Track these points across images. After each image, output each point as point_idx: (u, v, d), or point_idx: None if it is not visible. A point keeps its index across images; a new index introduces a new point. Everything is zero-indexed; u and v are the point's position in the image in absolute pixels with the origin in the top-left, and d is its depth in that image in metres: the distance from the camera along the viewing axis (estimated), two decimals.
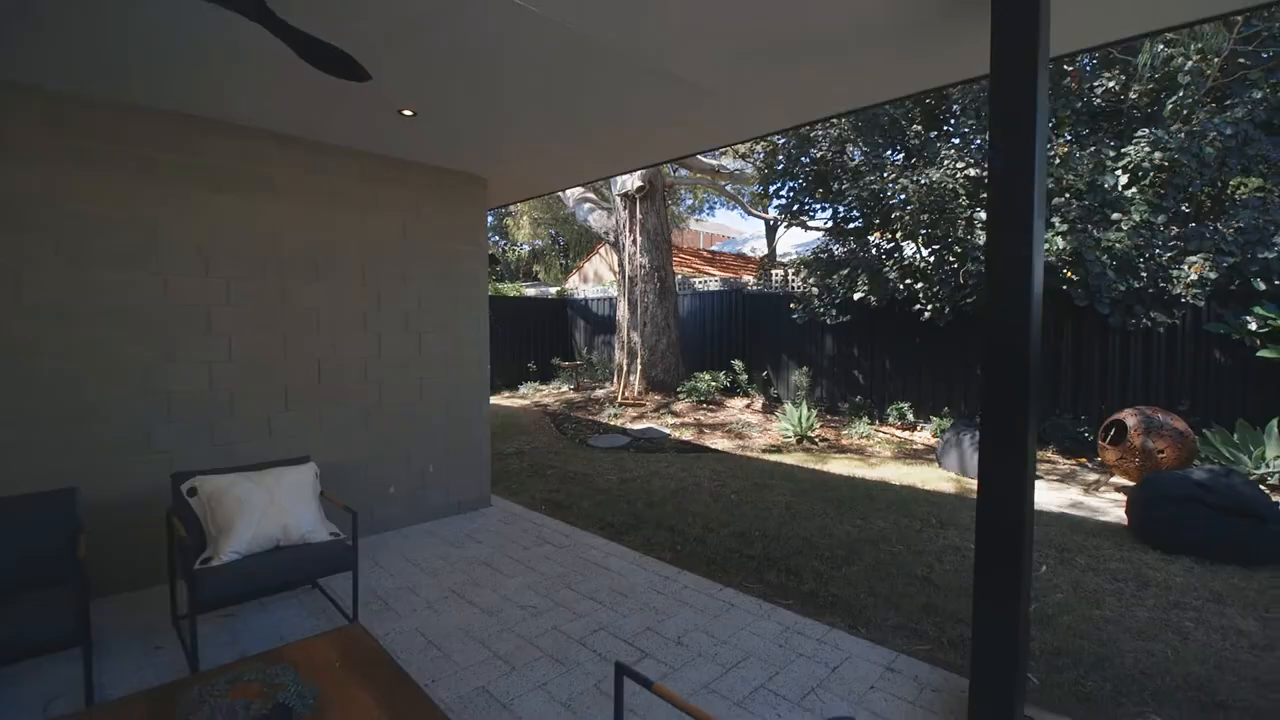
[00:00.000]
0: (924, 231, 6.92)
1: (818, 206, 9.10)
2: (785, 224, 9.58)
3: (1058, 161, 6.30)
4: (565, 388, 12.22)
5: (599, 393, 10.59)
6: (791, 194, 8.92)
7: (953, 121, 7.67)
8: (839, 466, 6.82)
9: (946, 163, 6.73)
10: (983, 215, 6.70)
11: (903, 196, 6.88)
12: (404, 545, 4.48)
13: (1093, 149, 6.32)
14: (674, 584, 3.79)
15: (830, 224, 9.40)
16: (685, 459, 7.13)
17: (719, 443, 7.97)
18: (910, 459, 7.28)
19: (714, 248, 25.96)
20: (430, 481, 5.05)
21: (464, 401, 5.26)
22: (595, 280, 17.71)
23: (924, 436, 8.48)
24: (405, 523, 4.90)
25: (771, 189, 9.26)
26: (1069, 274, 6.13)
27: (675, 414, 9.26)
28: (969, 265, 6.72)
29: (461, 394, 5.24)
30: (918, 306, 7.53)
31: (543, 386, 12.56)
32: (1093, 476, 6.52)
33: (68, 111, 3.40)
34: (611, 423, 9.02)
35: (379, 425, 4.73)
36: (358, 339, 4.63)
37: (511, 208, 20.93)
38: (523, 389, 12.41)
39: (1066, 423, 7.31)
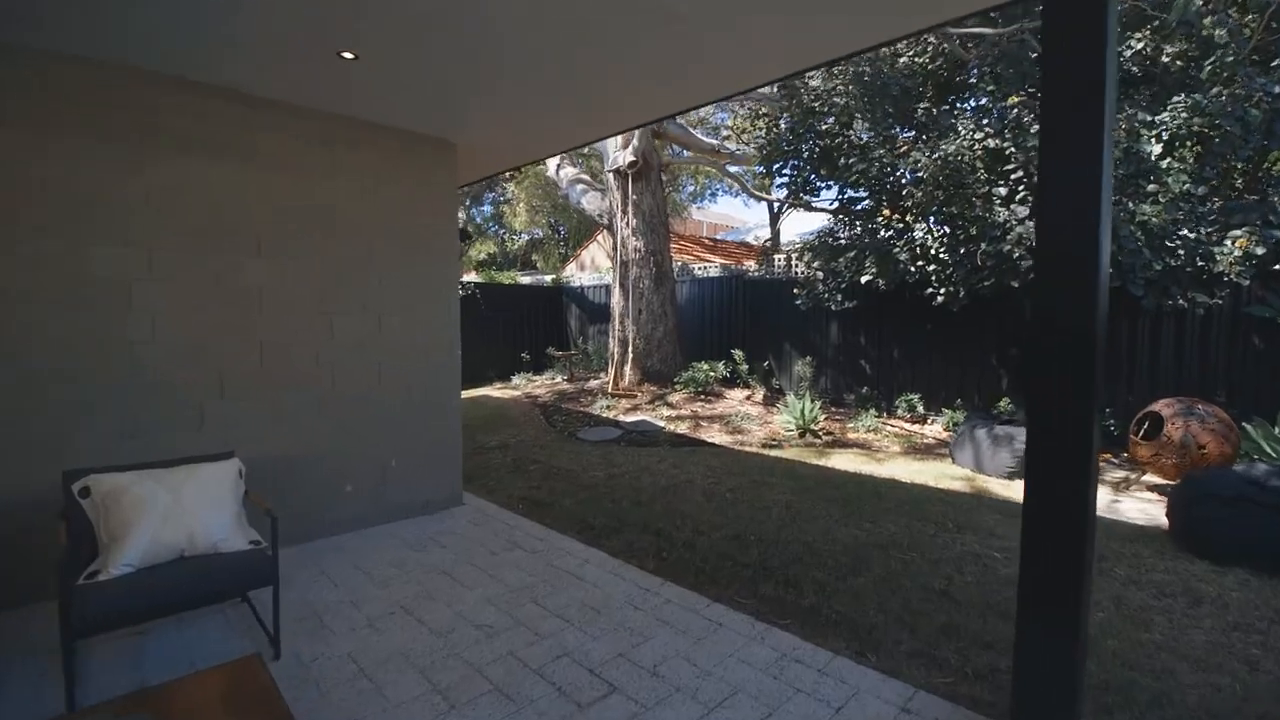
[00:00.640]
0: (937, 209, 6.37)
1: (823, 185, 8.55)
2: (789, 204, 9.04)
3: None
4: (559, 378, 11.74)
5: (593, 384, 10.11)
6: (795, 171, 8.37)
7: (967, 94, 7.10)
8: (844, 462, 6.32)
9: (964, 133, 6.18)
10: (1002, 190, 6.16)
11: (915, 173, 6.33)
12: (358, 550, 4.01)
13: (1125, 113, 5.76)
14: (655, 598, 3.31)
15: (836, 205, 8.85)
16: (679, 454, 6.65)
17: (716, 436, 7.48)
18: (921, 454, 6.77)
19: (717, 237, 25.38)
20: (393, 478, 4.58)
21: (432, 390, 4.78)
22: (593, 268, 17.19)
23: (935, 430, 7.97)
24: (364, 523, 4.43)
25: (774, 167, 8.70)
26: None
27: (671, 406, 8.77)
28: (986, 245, 6.18)
29: (429, 382, 4.76)
30: (929, 290, 7.01)
31: (535, 377, 12.09)
32: (1121, 474, 6.00)
33: None
34: (603, 415, 8.55)
35: (333, 415, 4.26)
36: (308, 319, 4.15)
37: (508, 194, 20.41)
38: (515, 379, 11.95)
39: None
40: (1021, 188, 6.13)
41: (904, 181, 6.72)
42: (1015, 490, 5.46)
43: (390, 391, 4.55)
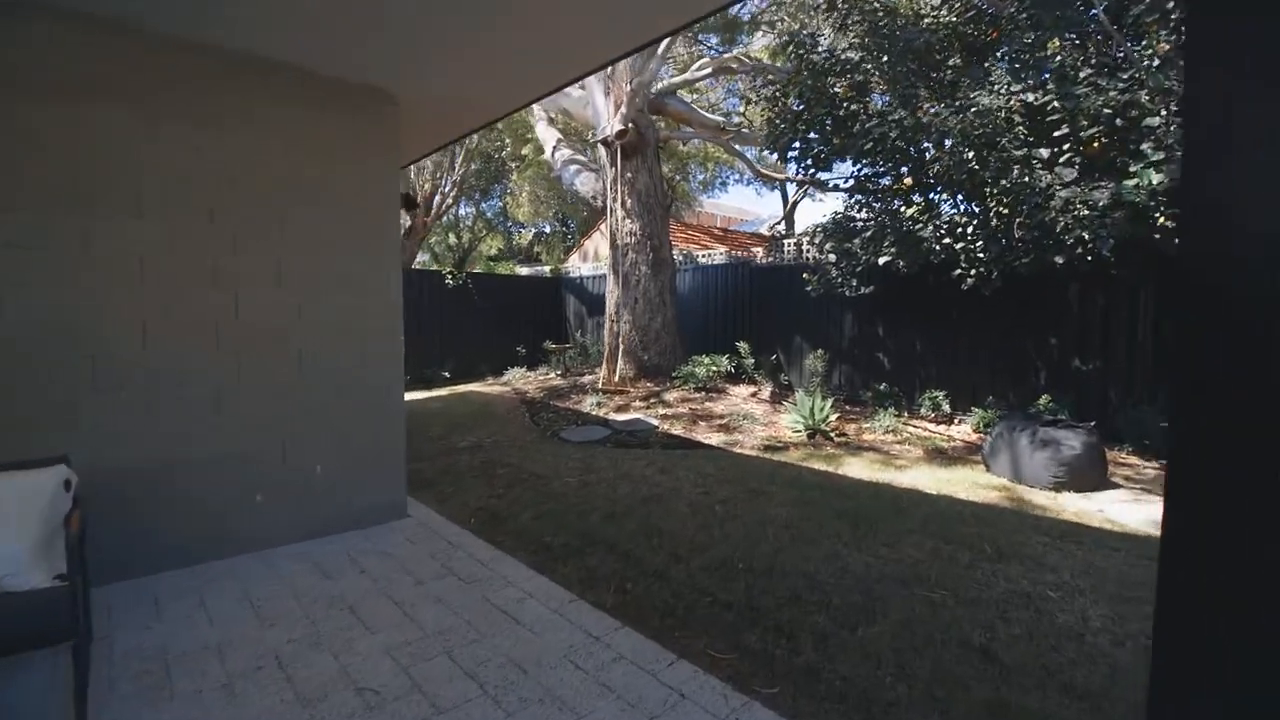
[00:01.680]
0: (967, 176, 5.49)
1: (836, 160, 7.68)
2: (799, 184, 8.18)
3: (1155, 64, 4.84)
4: (553, 374, 11.01)
5: (588, 379, 9.35)
6: (804, 144, 7.50)
7: (1000, 51, 6.17)
8: (858, 469, 5.48)
9: (998, 87, 5.30)
10: (1044, 152, 5.27)
11: (941, 133, 5.45)
12: (258, 576, 3.29)
13: None
14: (604, 651, 2.53)
15: (851, 182, 7.98)
16: (669, 457, 5.86)
17: (714, 437, 6.68)
18: (948, 460, 5.91)
19: (730, 228, 24.48)
20: (318, 486, 3.86)
21: (368, 383, 4.06)
22: (595, 259, 16.43)
23: (963, 431, 7.08)
24: (280, 540, 3.72)
25: (782, 141, 7.83)
26: (1163, 219, 4.69)
27: (667, 404, 7.98)
28: (1025, 216, 5.29)
29: (365, 373, 4.03)
30: (957, 272, 6.13)
31: (529, 373, 11.37)
32: None
33: None
34: (593, 413, 7.79)
35: (238, 411, 3.55)
36: (205, 295, 3.44)
37: (511, 185, 19.70)
38: (508, 374, 11.25)
39: (1145, 414, 5.87)
40: (1066, 147, 5.23)
41: (927, 146, 5.84)
42: (1063, 504, 4.59)
43: (315, 384, 3.83)
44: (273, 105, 3.61)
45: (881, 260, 6.53)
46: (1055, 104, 5.12)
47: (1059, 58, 5.29)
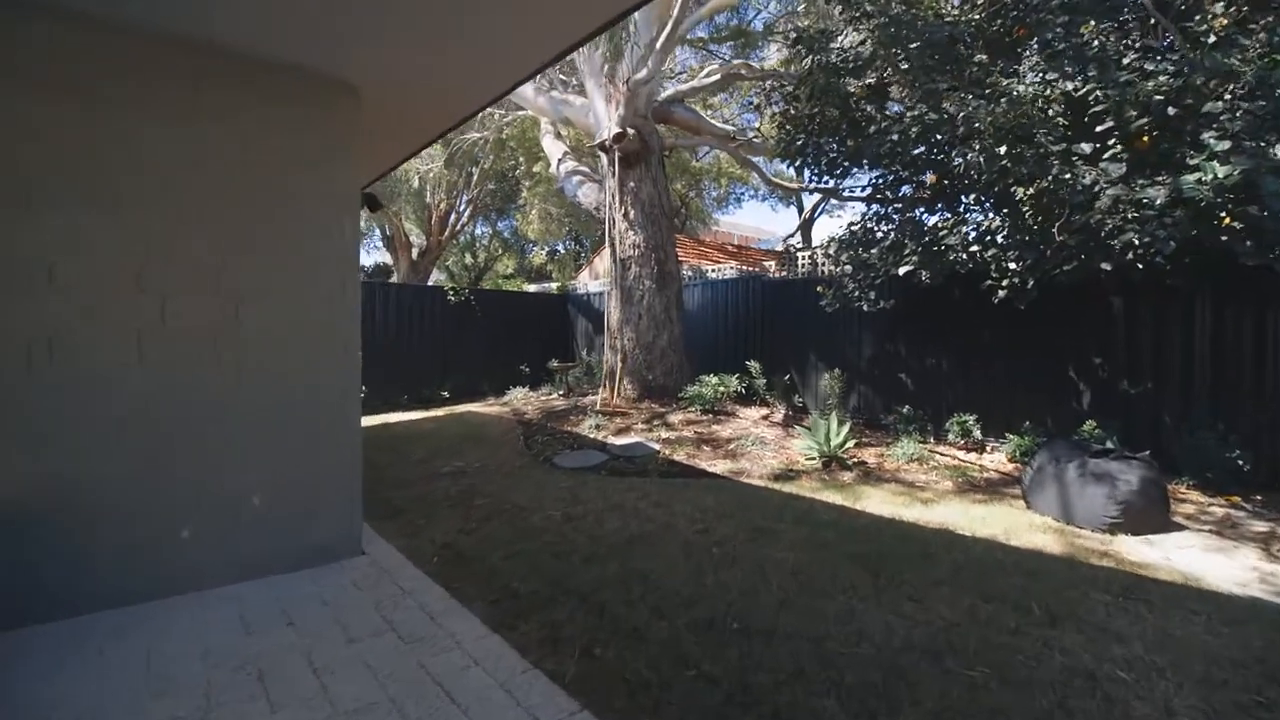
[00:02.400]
0: (999, 174, 4.92)
1: (853, 167, 7.16)
2: (816, 188, 7.67)
3: (1210, 41, 4.28)
4: (556, 394, 10.52)
5: (590, 399, 8.84)
6: (816, 149, 7.00)
7: (1036, 38, 5.63)
8: (879, 503, 4.87)
9: (1032, 76, 4.76)
10: (1086, 147, 4.71)
11: (969, 126, 4.90)
12: (172, 625, 2.81)
13: (1268, 20, 4.27)
14: None
15: (869, 190, 7.45)
16: (668, 487, 5.30)
17: (719, 464, 6.10)
18: (982, 493, 5.26)
19: (746, 246, 24.00)
20: (257, 519, 3.39)
21: (318, 402, 3.60)
22: (606, 276, 16.03)
23: (998, 460, 6.42)
24: (211, 581, 3.24)
25: (794, 147, 7.35)
26: (1227, 219, 4.08)
27: (671, 426, 7.43)
28: (1065, 219, 4.71)
29: (314, 391, 3.58)
30: (988, 283, 5.54)
31: (532, 392, 10.90)
32: (1262, 526, 4.41)
33: None
34: (591, 436, 7.26)
35: (163, 434, 3.10)
36: (125, 301, 3.02)
37: (521, 200, 19.48)
38: (510, 394, 10.78)
39: (1208, 442, 5.18)
40: (1113, 141, 4.66)
41: (952, 146, 5.29)
42: (1122, 551, 3.93)
43: (255, 402, 3.38)
44: (212, 92, 3.23)
45: (902, 270, 5.97)
46: (1097, 93, 4.57)
47: (1097, 42, 4.75)
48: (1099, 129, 4.74)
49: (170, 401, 3.12)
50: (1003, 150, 4.74)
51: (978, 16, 6.47)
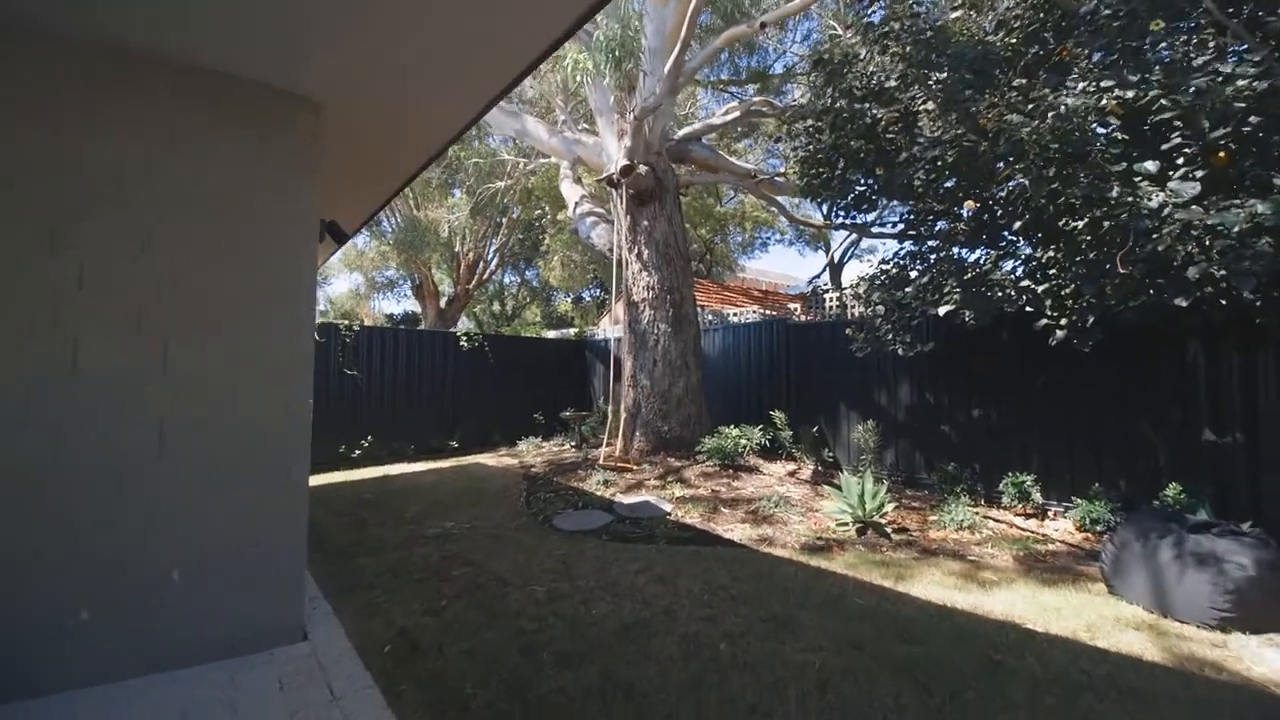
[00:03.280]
0: (1049, 195, 4.29)
1: (880, 197, 6.62)
2: (842, 224, 7.13)
3: None
4: (568, 444, 9.95)
5: (602, 451, 8.22)
6: (841, 184, 6.48)
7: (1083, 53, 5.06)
8: (926, 585, 4.07)
9: (1083, 86, 4.17)
10: (1151, 166, 4.05)
11: (1011, 143, 4.30)
12: None
13: None
14: None
15: (900, 226, 6.87)
16: (675, 557, 4.60)
17: (737, 530, 5.37)
18: (1050, 572, 4.42)
19: (772, 292, 23.45)
20: (176, 599, 2.84)
21: (258, 462, 3.08)
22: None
23: (1063, 529, 5.54)
24: (116, 673, 2.69)
25: (816, 180, 6.86)
26: None
27: (686, 483, 6.73)
28: (1128, 248, 4.02)
29: (253, 448, 3.07)
30: (1044, 322, 4.83)
31: (544, 443, 10.35)
32: None
33: None
34: (597, 492, 6.61)
35: (61, 498, 2.62)
36: (26, 344, 2.59)
37: (544, 245, 19.40)
38: (521, 445, 10.24)
39: None
40: (1181, 158, 4.02)
41: (994, 165, 4.70)
42: (1243, 656, 3.08)
43: (180, 461, 2.88)
44: (149, 105, 2.87)
45: (941, 311, 5.30)
46: (1162, 101, 3.95)
47: (1162, 47, 4.17)
48: (1165, 145, 4.10)
49: (76, 464, 2.64)
50: (1051, 172, 4.13)
51: (1014, 40, 5.98)
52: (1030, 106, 4.28)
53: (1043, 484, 5.95)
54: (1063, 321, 4.72)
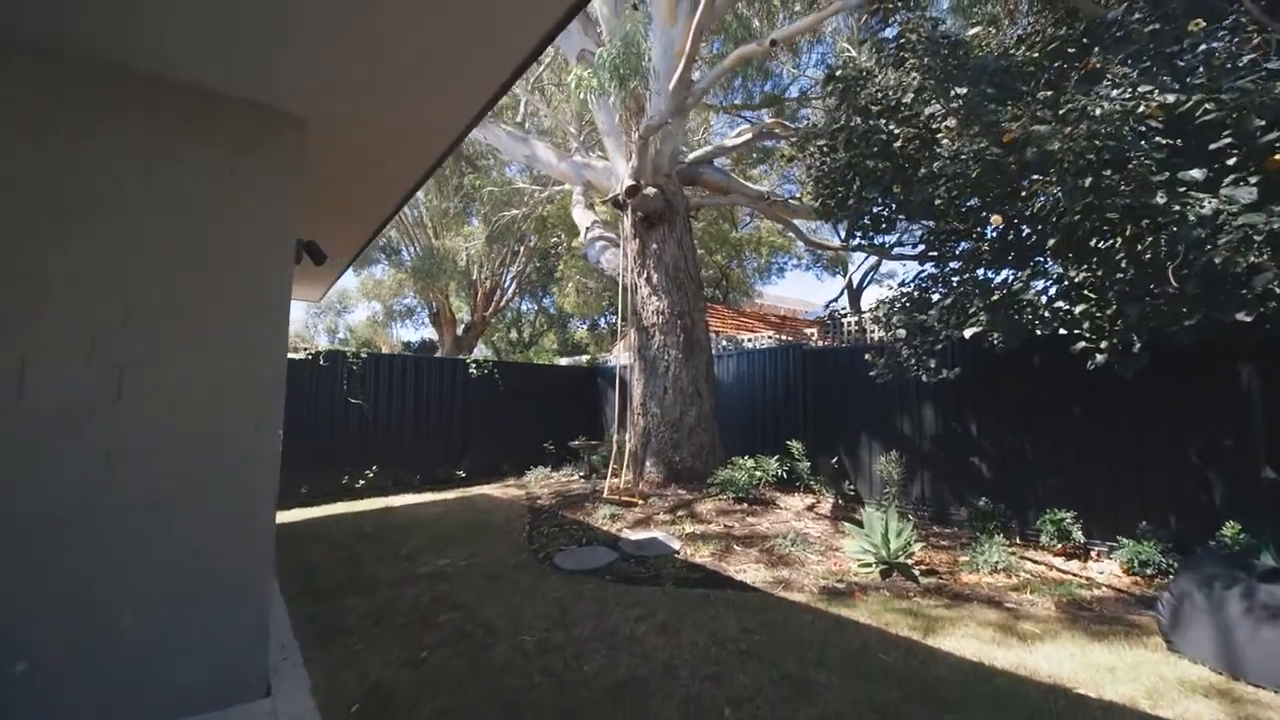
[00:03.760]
0: (1082, 212, 3.96)
1: (899, 217, 6.33)
2: (860, 245, 6.84)
3: None
4: (577, 475, 9.64)
5: (607, 483, 7.89)
6: (857, 202, 6.21)
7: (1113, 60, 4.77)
8: (960, 639, 3.66)
9: (1117, 92, 3.88)
10: (1196, 173, 3.72)
11: (1041, 152, 3.99)
12: None
13: None
14: None
15: (920, 246, 6.56)
16: (682, 601, 4.24)
17: (750, 571, 4.99)
18: (1098, 622, 3.97)
19: (790, 318, 23.05)
20: (125, 648, 2.59)
21: (219, 498, 2.84)
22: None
23: (1108, 572, 5.06)
24: None
25: (831, 201, 6.61)
26: None
27: (697, 517, 6.36)
28: (1179, 260, 3.67)
29: (215, 483, 2.83)
30: (1081, 345, 4.46)
31: (554, 473, 10.04)
32: None
33: None
34: (603, 527, 6.27)
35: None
36: None
37: (559, 272, 19.36)
38: (530, 475, 9.95)
39: None
40: (1231, 163, 3.68)
41: (1021, 177, 4.40)
42: None
43: (131, 497, 2.65)
44: (118, 120, 2.72)
45: (968, 333, 4.95)
46: (1206, 105, 3.64)
47: (1201, 49, 3.87)
48: (1212, 147, 3.77)
49: (14, 492, 2.43)
50: (1086, 183, 3.80)
51: (1035, 54, 5.73)
52: (1061, 113, 3.98)
53: (1084, 521, 5.48)
54: (1103, 344, 4.34)
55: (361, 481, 8.98)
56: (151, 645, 2.63)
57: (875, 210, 6.50)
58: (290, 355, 9.61)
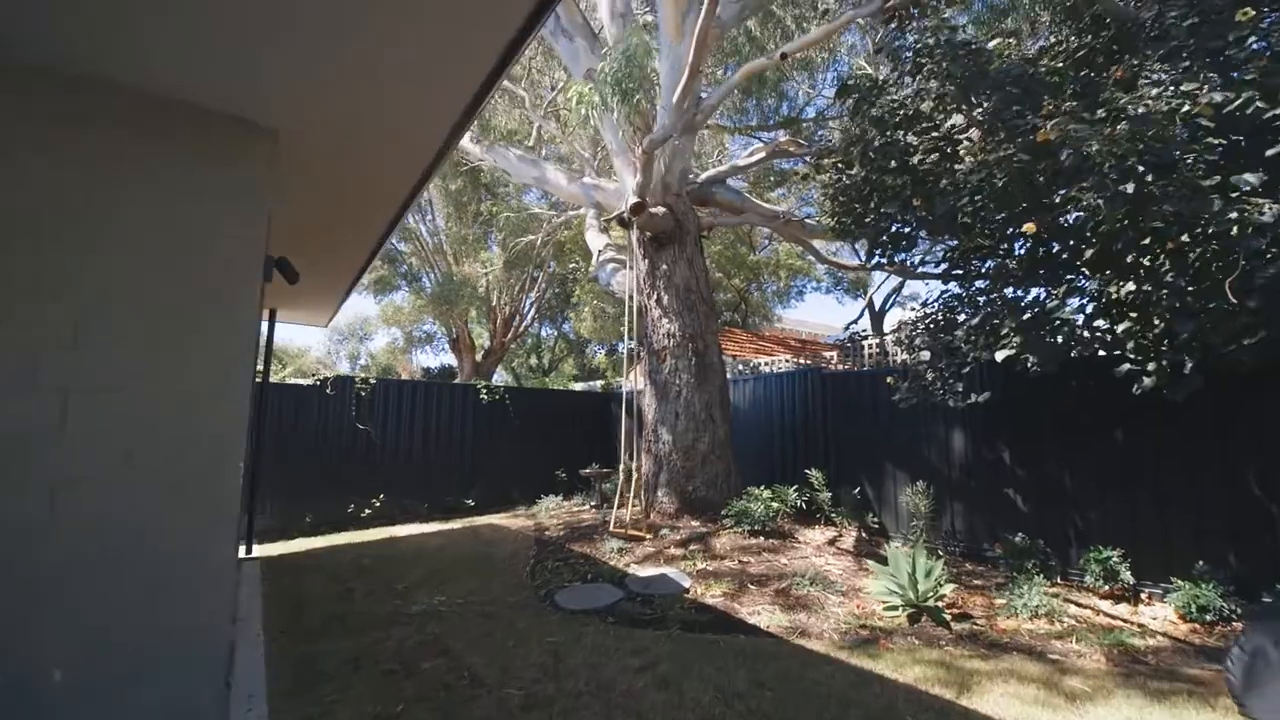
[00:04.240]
0: (1125, 219, 3.63)
1: (920, 234, 6.02)
2: (880, 265, 6.54)
3: None
4: (589, 504, 9.32)
5: (614, 514, 7.57)
6: (876, 218, 5.93)
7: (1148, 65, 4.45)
8: (1000, 698, 3.25)
9: (1157, 91, 3.57)
10: (1250, 177, 3.37)
11: (1080, 154, 3.67)
12: None
13: None
14: None
15: (944, 264, 6.24)
16: (688, 649, 3.89)
17: (764, 614, 4.60)
18: (1155, 678, 3.52)
19: (810, 341, 22.59)
20: (56, 706, 2.34)
21: (172, 534, 2.61)
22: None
23: (1162, 617, 4.57)
24: None
25: (848, 221, 6.33)
26: None
27: (711, 552, 5.99)
28: (1237, 274, 3.30)
29: (167, 519, 2.60)
30: (1126, 368, 4.07)
31: (565, 502, 9.74)
32: None
33: None
34: (610, 562, 5.94)
35: None
36: None
37: (575, 297, 19.28)
38: (540, 504, 9.64)
39: None
40: None
41: (1055, 185, 4.08)
42: None
43: (73, 538, 2.43)
44: (69, 125, 2.58)
45: (999, 355, 4.58)
46: (1259, 104, 3.31)
47: (1251, 41, 3.55)
48: (1269, 152, 3.42)
49: None
50: (1130, 189, 3.48)
51: (1060, 65, 5.44)
52: (1100, 113, 3.68)
53: (1132, 560, 5.00)
54: (1150, 366, 3.96)
55: (368, 510, 8.78)
56: (89, 710, 2.38)
57: (895, 227, 6.20)
58: (299, 381, 9.55)
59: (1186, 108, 3.43)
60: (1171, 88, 3.55)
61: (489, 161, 9.93)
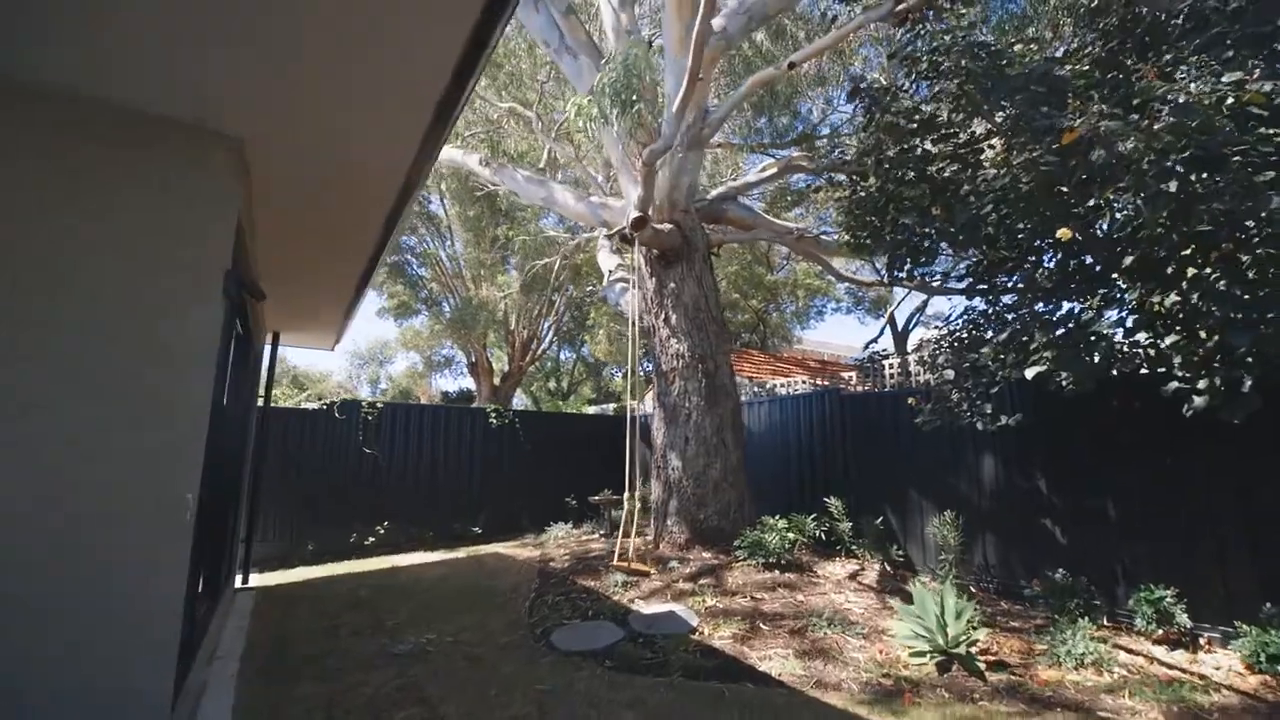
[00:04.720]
0: (1167, 221, 3.27)
1: (940, 246, 5.68)
2: (899, 280, 6.21)
3: None
4: (598, 532, 8.98)
5: (617, 546, 7.22)
6: (894, 231, 5.61)
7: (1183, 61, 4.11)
8: None
9: (1195, 85, 3.23)
10: None
11: (1113, 150, 3.33)
12: None
13: None
14: None
15: (969, 280, 5.88)
16: (690, 701, 3.52)
17: (777, 659, 4.21)
18: None
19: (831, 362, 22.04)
20: None
21: (106, 578, 2.38)
22: None
23: (1226, 665, 4.07)
24: None
25: (863, 236, 6.03)
26: None
27: (722, 587, 5.61)
28: None
29: (100, 561, 2.37)
30: (1174, 386, 3.67)
31: (574, 530, 9.40)
32: None
33: None
34: (614, 597, 5.59)
35: None
36: None
37: (589, 319, 19.12)
38: (549, 532, 9.31)
39: None
40: None
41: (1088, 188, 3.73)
42: None
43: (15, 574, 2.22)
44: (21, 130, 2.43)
45: (1029, 373, 4.19)
46: None
47: None
48: None
49: None
50: (1173, 187, 3.13)
51: (1085, 67, 5.12)
52: (1136, 103, 3.35)
53: (1188, 599, 4.50)
54: (1201, 384, 3.55)
55: (372, 538, 8.56)
56: None
57: (914, 240, 5.87)
58: (307, 405, 9.43)
59: (1231, 100, 3.08)
60: (1213, 79, 3.21)
61: (498, 183, 9.86)
